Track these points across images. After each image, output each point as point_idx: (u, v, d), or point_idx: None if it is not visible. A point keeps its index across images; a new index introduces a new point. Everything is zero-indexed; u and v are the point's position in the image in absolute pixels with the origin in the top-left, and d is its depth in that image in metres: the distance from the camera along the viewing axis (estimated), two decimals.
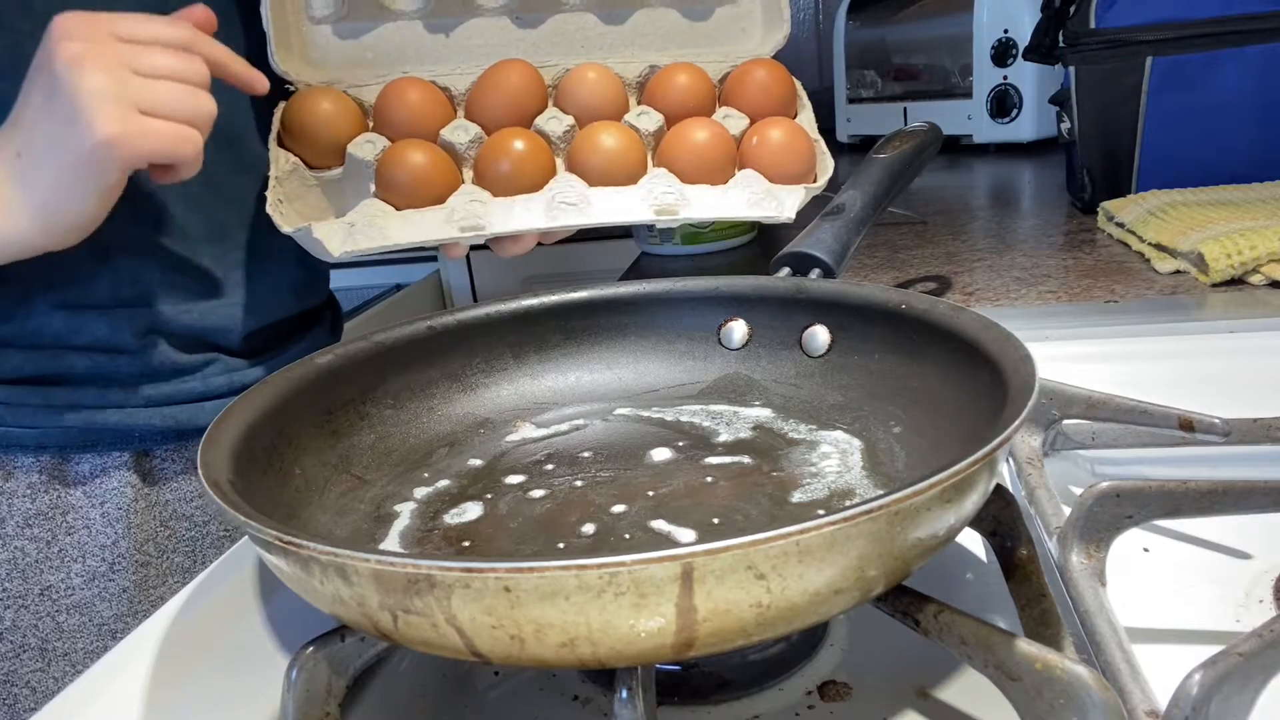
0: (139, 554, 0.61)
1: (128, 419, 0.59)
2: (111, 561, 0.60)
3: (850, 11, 1.59)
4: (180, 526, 0.64)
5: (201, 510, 0.65)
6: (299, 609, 0.38)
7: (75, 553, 0.59)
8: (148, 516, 0.62)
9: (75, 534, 0.59)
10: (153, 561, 0.62)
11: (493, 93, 0.62)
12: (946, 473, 0.25)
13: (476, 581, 0.23)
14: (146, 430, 0.60)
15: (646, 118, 0.63)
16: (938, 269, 0.81)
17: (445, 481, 0.41)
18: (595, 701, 0.32)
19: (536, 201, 0.58)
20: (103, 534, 0.60)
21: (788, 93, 0.65)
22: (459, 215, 0.57)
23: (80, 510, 0.59)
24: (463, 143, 0.61)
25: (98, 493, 0.60)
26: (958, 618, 0.27)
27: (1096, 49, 0.90)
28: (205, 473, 0.31)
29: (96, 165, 0.46)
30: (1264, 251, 0.67)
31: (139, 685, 0.35)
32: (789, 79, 0.65)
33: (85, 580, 0.59)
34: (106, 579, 0.60)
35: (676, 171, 0.60)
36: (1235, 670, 0.23)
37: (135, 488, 0.61)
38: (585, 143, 0.60)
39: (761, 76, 0.64)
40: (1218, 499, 0.31)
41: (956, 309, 0.39)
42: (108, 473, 0.60)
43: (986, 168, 1.36)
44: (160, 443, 0.62)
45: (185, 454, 0.64)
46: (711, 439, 0.43)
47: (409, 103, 0.61)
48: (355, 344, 0.44)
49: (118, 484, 0.60)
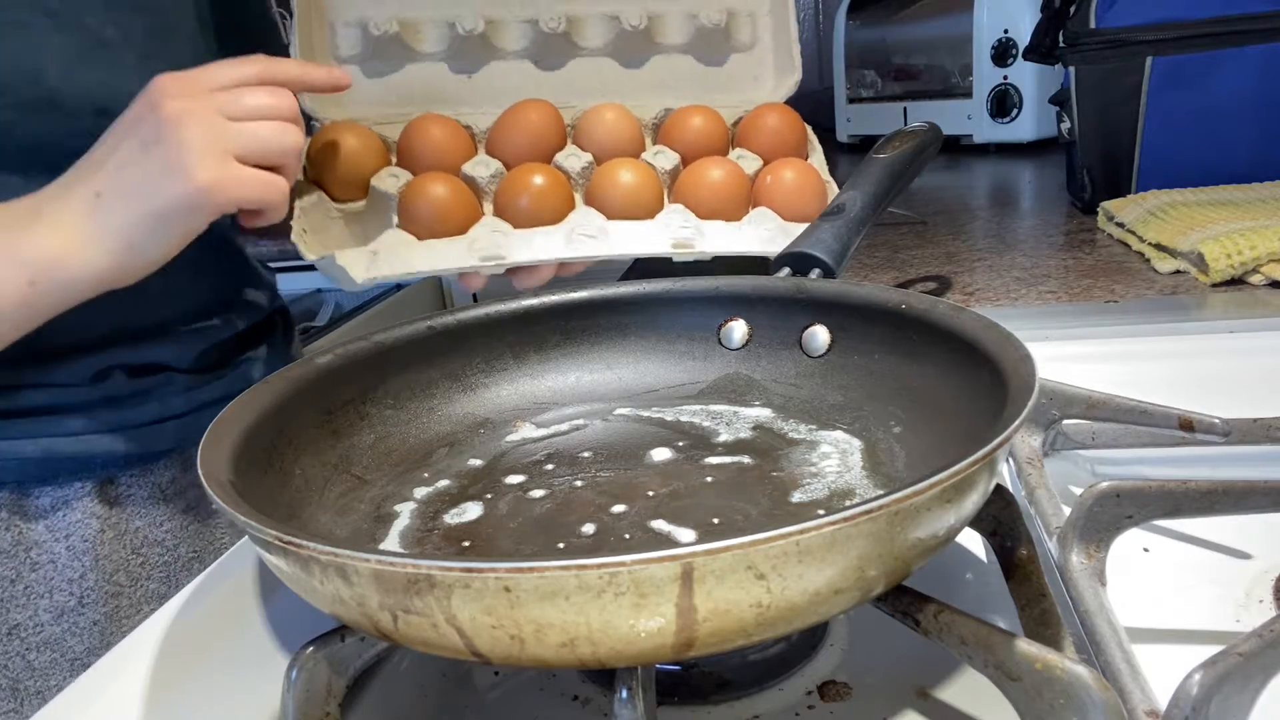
0: (109, 585, 0.60)
1: (87, 446, 0.58)
2: (80, 595, 0.58)
3: (850, 11, 1.59)
4: (152, 552, 0.62)
5: (173, 534, 0.63)
6: (299, 609, 0.37)
7: (42, 589, 0.57)
8: (116, 545, 0.60)
9: (40, 569, 0.57)
10: (125, 591, 0.60)
11: (513, 131, 0.64)
12: (946, 473, 0.25)
13: (476, 581, 0.23)
14: (107, 456, 0.59)
15: (663, 156, 0.65)
16: (938, 269, 0.81)
17: (445, 481, 0.41)
18: (595, 701, 0.32)
19: (556, 233, 0.60)
20: (69, 568, 0.58)
21: (799, 137, 0.67)
22: (480, 245, 0.58)
23: (44, 545, 0.58)
24: (484, 177, 0.62)
25: (61, 525, 0.58)
26: (958, 618, 0.27)
27: (1096, 49, 0.90)
28: (205, 472, 0.31)
29: (188, 212, 0.48)
30: (1264, 251, 0.67)
31: (139, 685, 0.35)
32: (800, 123, 0.68)
33: (54, 616, 0.58)
34: (76, 613, 0.58)
35: (692, 207, 0.62)
36: (1235, 670, 0.23)
37: (101, 517, 0.59)
38: (604, 178, 0.62)
39: (774, 121, 0.67)
40: (1218, 499, 0.31)
41: (956, 309, 0.39)
42: (70, 504, 0.58)
43: (986, 168, 1.36)
44: (123, 468, 0.60)
45: (150, 478, 0.62)
46: (711, 439, 0.43)
47: (432, 139, 0.63)
48: (355, 344, 0.44)
49: (81, 515, 0.59)
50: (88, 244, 0.48)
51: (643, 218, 0.61)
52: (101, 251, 0.48)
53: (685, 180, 0.63)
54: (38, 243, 0.47)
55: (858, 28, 1.58)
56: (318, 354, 0.42)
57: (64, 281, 0.48)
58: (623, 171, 0.62)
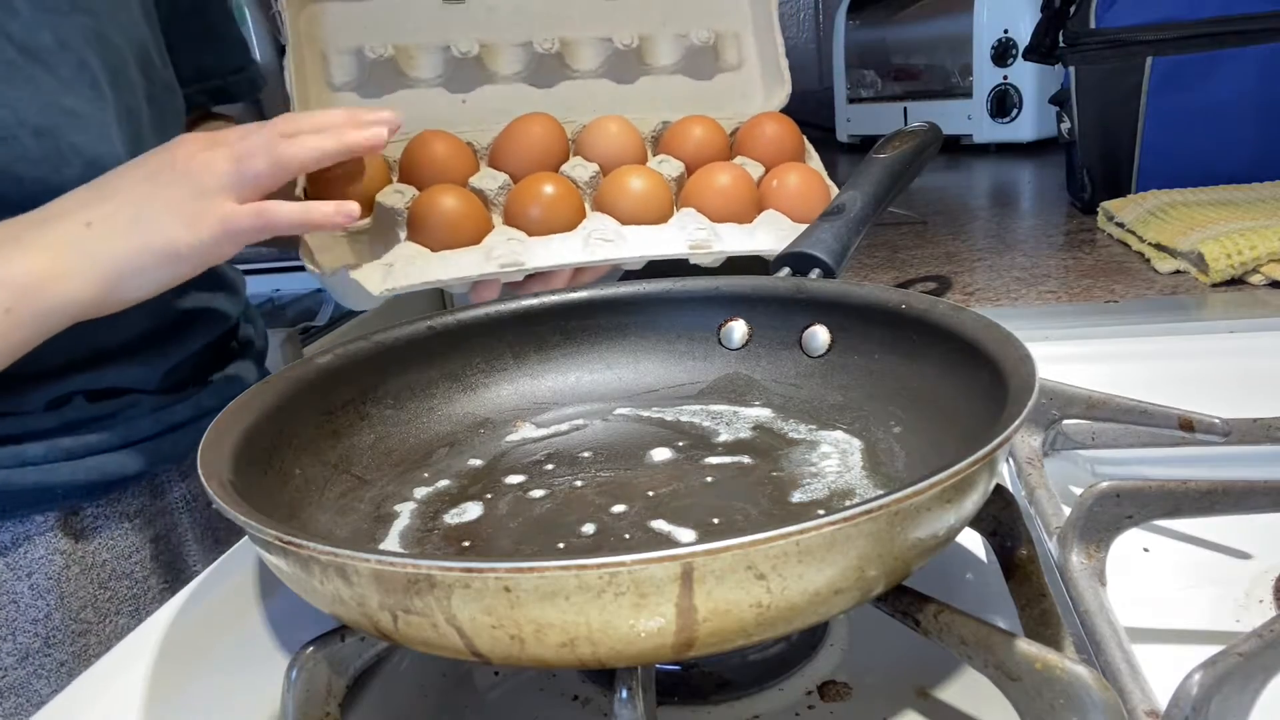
0: (76, 623, 0.57)
1: (47, 476, 0.55)
2: (45, 636, 0.55)
3: (850, 11, 1.59)
4: (120, 586, 0.59)
5: (141, 565, 0.60)
6: (299, 609, 0.37)
7: (3, 631, 0.54)
8: (83, 581, 0.57)
9: (2, 610, 0.54)
10: (93, 629, 0.57)
11: (516, 144, 0.64)
12: (946, 473, 0.25)
13: (476, 581, 0.23)
14: (69, 486, 0.56)
15: (668, 164, 0.65)
16: (938, 269, 0.81)
17: (445, 481, 0.41)
18: (595, 701, 0.32)
19: (574, 238, 0.60)
20: (32, 607, 0.55)
21: (796, 143, 0.68)
22: (498, 253, 0.58)
23: (4, 584, 0.54)
24: (491, 189, 0.62)
25: (22, 563, 0.55)
26: (958, 618, 0.27)
27: (1096, 49, 0.90)
28: (205, 472, 0.31)
29: (186, 257, 0.48)
30: (1264, 251, 0.67)
31: (139, 685, 0.35)
32: (796, 131, 0.69)
33: (18, 660, 0.55)
34: (42, 655, 0.55)
35: (704, 211, 0.62)
36: (1235, 670, 0.23)
37: (65, 552, 0.56)
38: (614, 185, 0.62)
39: (772, 129, 0.68)
40: (1218, 499, 0.31)
41: (956, 309, 0.39)
42: (31, 539, 0.55)
43: (986, 168, 1.36)
44: (87, 497, 0.57)
45: (118, 507, 0.59)
46: (711, 439, 0.43)
47: (435, 154, 0.63)
48: (355, 344, 0.44)
49: (44, 551, 0.56)
50: (72, 272, 0.46)
51: (655, 222, 0.62)
52: (85, 281, 0.46)
53: (694, 185, 0.64)
54: (17, 267, 0.45)
55: (858, 28, 1.58)
56: (318, 354, 0.42)
57: (41, 310, 0.46)
58: (633, 178, 0.62)
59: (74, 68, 0.53)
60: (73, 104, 0.49)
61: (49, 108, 0.51)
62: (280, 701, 0.29)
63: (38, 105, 0.51)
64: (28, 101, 0.51)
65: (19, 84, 0.51)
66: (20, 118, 0.50)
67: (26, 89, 0.51)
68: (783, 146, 0.68)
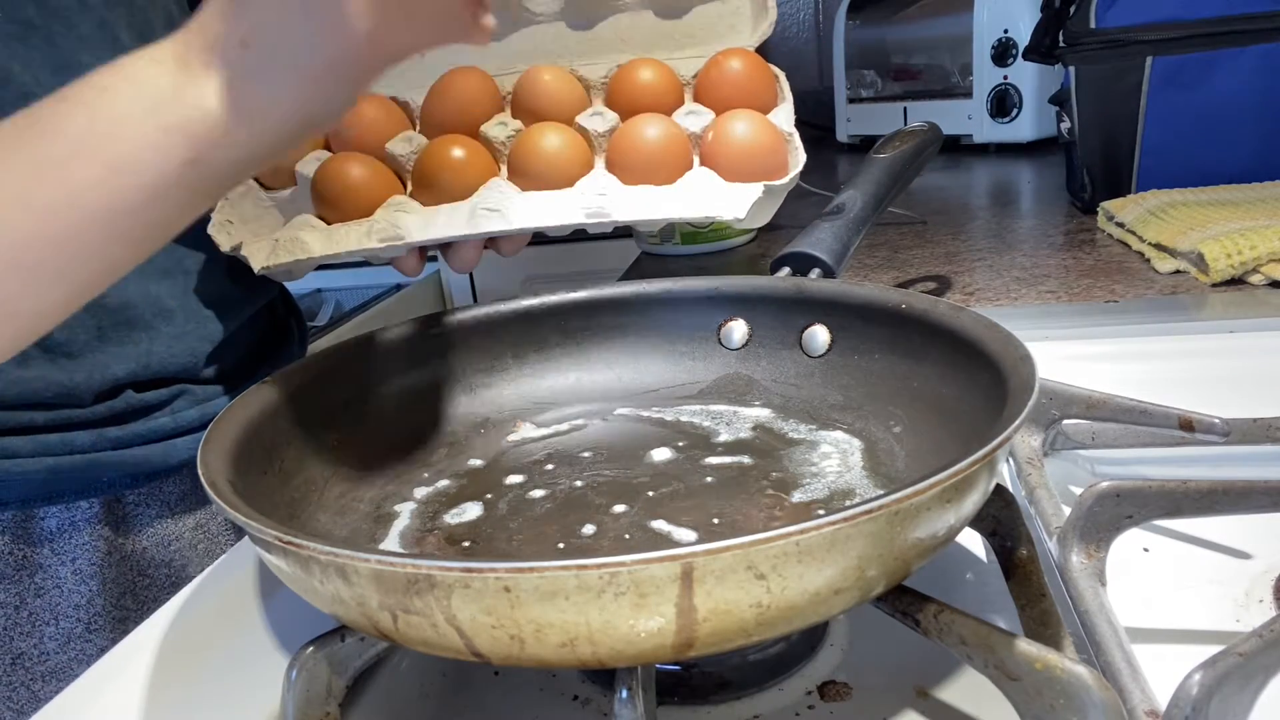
0: (116, 610, 0.57)
1: (94, 464, 0.55)
2: (87, 621, 0.56)
3: (850, 11, 1.59)
4: (160, 574, 0.59)
5: (180, 553, 0.60)
6: (299, 609, 0.37)
7: (47, 615, 0.55)
8: (123, 568, 0.57)
9: (45, 595, 0.55)
10: (132, 616, 0.57)
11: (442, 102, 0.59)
12: (946, 473, 0.25)
13: (476, 581, 0.23)
14: (115, 475, 0.56)
15: (599, 119, 0.57)
16: (938, 269, 0.81)
17: (445, 481, 0.41)
18: (595, 701, 0.32)
19: (460, 210, 0.53)
20: (75, 593, 0.55)
21: (761, 84, 0.58)
22: (379, 227, 0.52)
23: (49, 569, 0.55)
24: (404, 154, 0.57)
25: (66, 549, 0.55)
26: (958, 618, 0.27)
27: (1096, 49, 0.90)
28: (205, 473, 0.31)
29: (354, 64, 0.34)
30: (1264, 251, 0.67)
31: (139, 685, 0.35)
32: (765, 68, 0.59)
33: (60, 644, 0.55)
34: (83, 640, 0.56)
35: (623, 171, 0.55)
36: (1235, 670, 0.23)
37: (107, 539, 0.57)
38: (523, 146, 0.56)
39: (734, 66, 0.57)
40: (1218, 499, 0.31)
41: (956, 309, 0.39)
42: (76, 526, 0.55)
43: (986, 168, 1.36)
44: (131, 486, 0.57)
45: (160, 496, 0.59)
46: (711, 439, 0.43)
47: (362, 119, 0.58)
48: (355, 344, 0.44)
49: (88, 537, 0.56)
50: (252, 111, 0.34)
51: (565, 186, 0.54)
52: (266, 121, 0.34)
53: (614, 143, 0.56)
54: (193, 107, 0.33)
55: (858, 28, 1.58)
56: (318, 354, 0.42)
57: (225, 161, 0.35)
58: (545, 137, 0.55)
59: (94, 25, 0.51)
60: (92, 62, 0.44)
61: (67, 66, 0.49)
62: (280, 701, 0.29)
63: (55, 64, 0.49)
64: (45, 61, 0.49)
65: (37, 43, 0.49)
66: (38, 77, 0.48)
67: (45, 48, 0.49)
68: (744, 90, 0.57)
